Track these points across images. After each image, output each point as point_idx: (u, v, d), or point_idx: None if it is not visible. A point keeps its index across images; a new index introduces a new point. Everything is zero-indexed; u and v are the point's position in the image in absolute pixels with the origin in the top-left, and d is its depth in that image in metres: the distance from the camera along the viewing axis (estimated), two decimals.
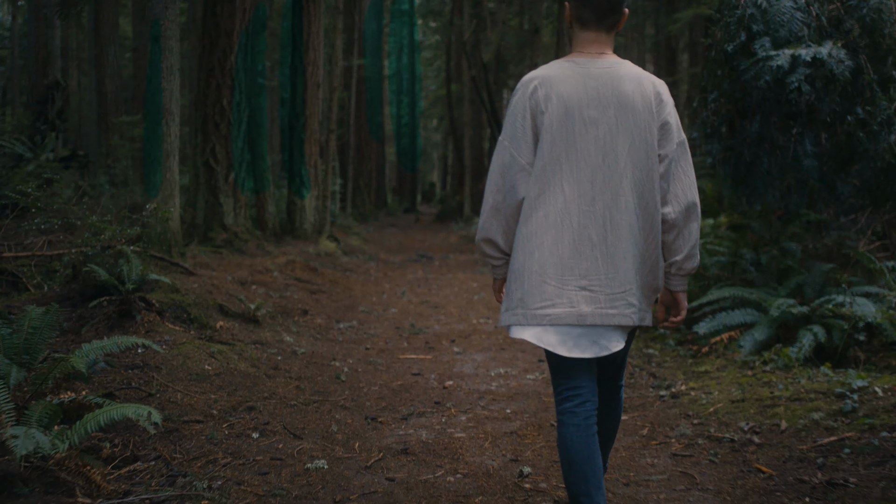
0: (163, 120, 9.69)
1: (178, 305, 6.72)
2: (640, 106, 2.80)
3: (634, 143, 2.80)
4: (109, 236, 7.11)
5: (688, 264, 2.93)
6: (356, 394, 5.58)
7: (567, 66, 2.86)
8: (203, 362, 5.58)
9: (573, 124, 2.78)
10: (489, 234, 2.93)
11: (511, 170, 2.84)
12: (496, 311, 9.52)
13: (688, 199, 2.87)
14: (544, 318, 2.76)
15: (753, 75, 6.94)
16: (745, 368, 5.92)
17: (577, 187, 2.78)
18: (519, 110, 2.84)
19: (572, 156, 2.78)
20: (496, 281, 3.14)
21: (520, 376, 6.19)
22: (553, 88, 2.80)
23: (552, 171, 2.79)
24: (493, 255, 2.99)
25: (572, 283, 2.76)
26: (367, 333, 7.91)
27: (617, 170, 2.78)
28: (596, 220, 2.78)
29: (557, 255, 2.77)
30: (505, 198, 2.85)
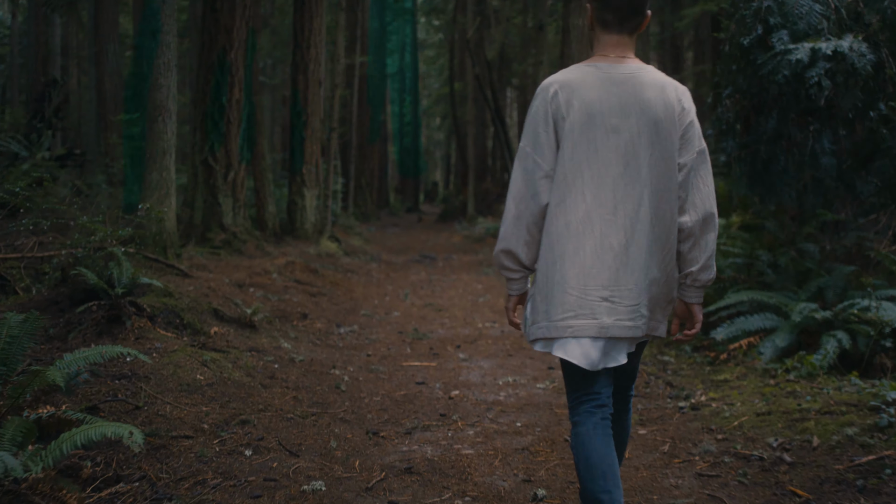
0: (159, 117, 9.38)
1: (170, 310, 6.41)
2: (662, 114, 2.74)
3: (655, 152, 2.74)
4: (100, 237, 6.80)
5: (703, 275, 2.85)
6: (357, 405, 5.27)
7: (589, 70, 2.78)
8: (195, 371, 5.27)
9: (595, 131, 2.72)
10: (510, 244, 2.82)
11: (534, 176, 2.76)
12: (502, 314, 9.20)
13: (705, 209, 2.80)
14: (566, 329, 2.69)
15: (771, 69, 6.61)
16: (767, 377, 5.61)
17: (599, 196, 2.71)
18: (540, 115, 2.76)
19: (594, 163, 2.72)
20: (511, 298, 2.98)
21: (529, 385, 5.88)
22: (574, 93, 2.73)
23: (573, 179, 2.72)
24: (511, 267, 2.87)
25: (594, 293, 2.69)
26: (368, 339, 7.59)
27: (639, 179, 2.72)
28: (617, 230, 2.71)
29: (580, 265, 2.70)
30: (528, 206, 2.77)
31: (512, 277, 2.90)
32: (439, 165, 52.76)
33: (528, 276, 2.91)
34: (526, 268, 2.86)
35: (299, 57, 15.43)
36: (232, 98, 12.52)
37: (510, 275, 2.89)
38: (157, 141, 9.37)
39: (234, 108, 12.55)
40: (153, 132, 9.39)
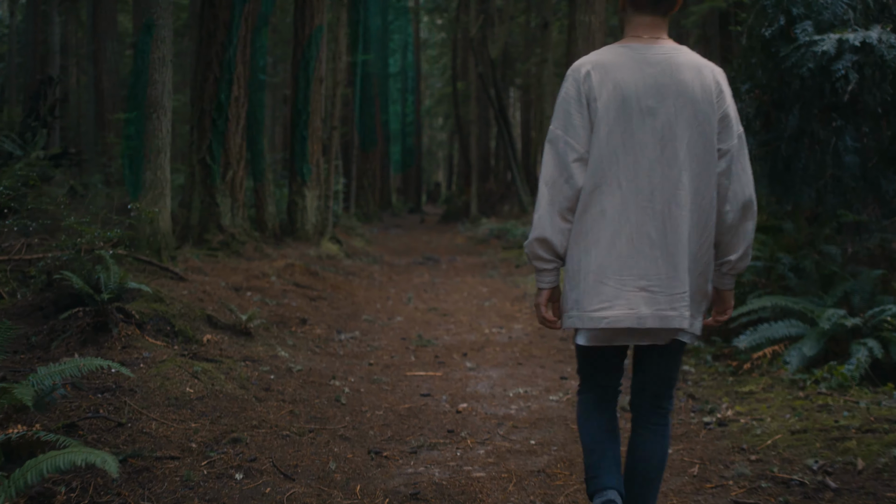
0: (153, 114, 9.02)
1: (161, 317, 6.04)
2: (700, 96, 2.65)
3: (694, 135, 2.65)
4: (88, 240, 6.44)
5: (741, 264, 2.80)
6: (358, 420, 4.89)
7: (622, 51, 2.70)
8: (184, 384, 4.89)
9: (630, 114, 2.63)
10: (544, 232, 2.70)
11: (566, 159, 2.67)
12: (509, 319, 8.83)
13: (745, 197, 2.71)
14: (601, 320, 2.62)
15: (795, 62, 6.25)
16: (795, 388, 5.24)
17: (635, 181, 2.63)
18: (572, 96, 2.68)
19: (629, 147, 2.63)
20: (542, 291, 2.82)
21: (542, 397, 5.50)
22: (608, 74, 2.65)
23: (608, 164, 2.64)
24: (545, 257, 2.75)
25: (631, 283, 2.62)
26: (370, 346, 7.22)
27: (676, 163, 2.63)
28: (655, 217, 2.63)
29: (615, 253, 2.63)
30: (561, 190, 2.68)
31: (545, 268, 2.77)
32: (442, 165, 52.36)
33: (560, 267, 2.79)
34: (560, 257, 2.74)
35: (300, 54, 15.06)
36: (231, 95, 12.16)
37: (543, 265, 2.76)
38: (151, 139, 9.01)
39: (232, 106, 12.18)
40: (147, 130, 9.02)
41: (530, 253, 2.77)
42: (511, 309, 9.55)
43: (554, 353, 6.98)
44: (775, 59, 6.43)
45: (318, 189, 15.39)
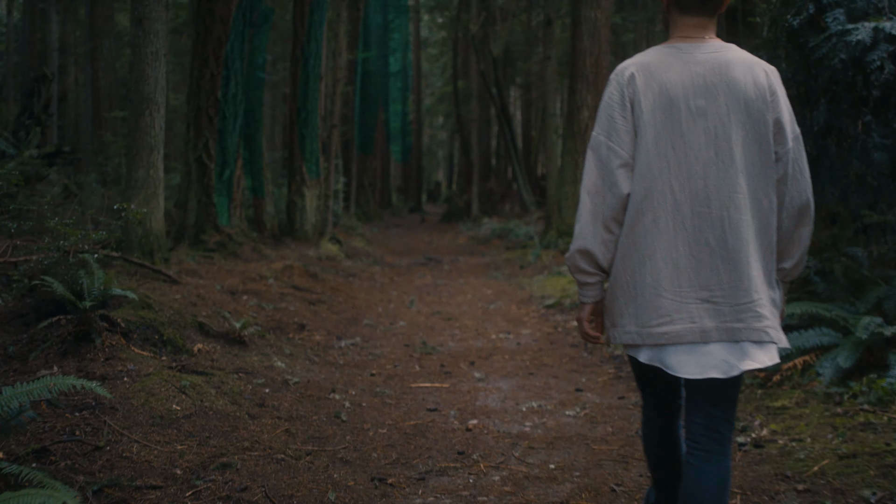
0: (145, 110, 8.58)
1: (148, 325, 5.60)
2: (752, 94, 2.49)
3: (748, 135, 2.49)
4: (73, 242, 6.00)
5: (796, 271, 2.65)
6: (360, 440, 4.45)
7: (667, 51, 2.57)
8: (171, 400, 4.46)
9: (679, 116, 2.49)
10: (587, 244, 2.55)
11: (610, 165, 2.52)
12: (517, 324, 8.39)
13: (803, 201, 2.56)
14: (661, 336, 2.44)
15: (826, 53, 5.81)
16: (831, 403, 4.80)
17: (689, 186, 2.46)
18: (615, 101, 2.55)
19: (680, 151, 2.48)
20: (584, 306, 2.65)
21: (557, 412, 5.06)
22: (653, 76, 2.52)
23: (658, 170, 2.48)
24: (588, 270, 2.59)
25: (692, 295, 2.45)
26: (372, 353, 6.78)
27: (732, 165, 2.47)
28: (713, 223, 2.46)
29: (672, 264, 2.46)
30: (605, 198, 2.53)
31: (587, 282, 2.61)
32: (442, 165, 51.89)
33: (604, 280, 2.63)
34: (603, 270, 2.59)
35: (299, 51, 14.62)
36: (227, 92, 11.72)
37: (586, 279, 2.60)
38: (143, 136, 8.56)
39: (230, 103, 11.74)
40: (139, 127, 8.58)
41: (571, 266, 2.61)
42: (518, 313, 9.11)
43: (566, 362, 6.54)
44: (803, 50, 5.99)
45: (318, 188, 14.95)
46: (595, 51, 13.60)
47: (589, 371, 6.20)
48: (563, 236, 13.72)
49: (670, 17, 2.64)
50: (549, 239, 13.89)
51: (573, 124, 13.83)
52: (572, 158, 13.85)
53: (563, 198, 13.97)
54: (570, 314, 8.75)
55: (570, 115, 14.04)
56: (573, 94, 13.89)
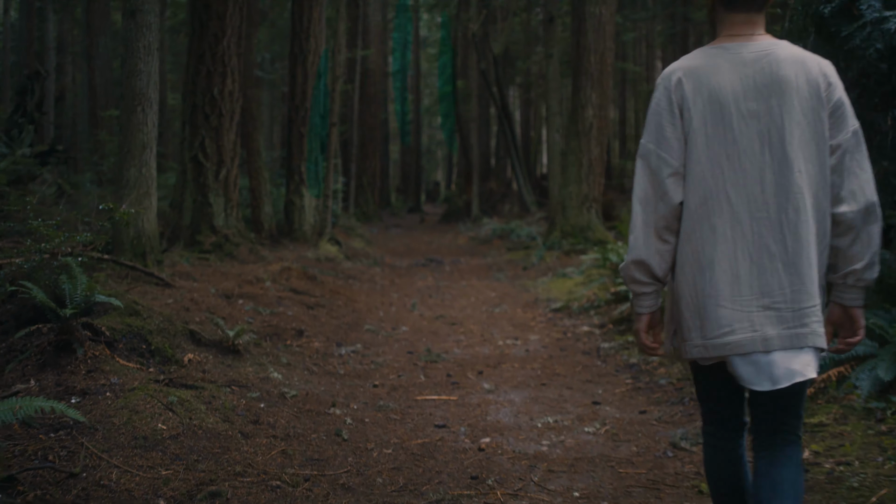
0: (137, 107, 8.15)
1: (136, 333, 5.17)
2: (805, 91, 2.40)
3: (804, 134, 2.40)
4: (57, 244, 5.57)
5: (868, 274, 2.42)
6: (363, 462, 4.02)
7: (714, 52, 2.48)
8: (156, 418, 4.03)
9: (731, 119, 2.41)
10: (642, 255, 2.47)
11: (661, 174, 2.45)
12: (524, 329, 7.97)
13: (866, 198, 2.40)
14: (724, 347, 2.36)
15: (860, 43, 5.39)
16: (872, 420, 4.38)
17: (745, 191, 2.39)
18: (663, 107, 2.47)
19: (734, 156, 2.40)
20: (641, 317, 2.55)
21: (575, 429, 4.64)
22: (702, 80, 2.44)
23: (713, 177, 2.41)
24: (644, 281, 2.49)
25: (753, 302, 2.37)
26: (374, 362, 6.35)
27: (788, 167, 2.38)
28: (772, 227, 2.38)
29: (731, 272, 2.38)
30: (657, 208, 2.45)
31: (643, 292, 2.51)
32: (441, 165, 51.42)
33: (661, 290, 2.52)
34: (659, 280, 2.49)
35: (298, 48, 14.20)
36: (224, 89, 11.28)
37: (642, 289, 2.50)
38: (135, 133, 8.14)
39: (226, 101, 11.30)
40: (131, 124, 8.15)
41: (626, 276, 2.51)
42: (524, 317, 8.69)
43: (580, 371, 6.12)
44: (834, 40, 5.58)
45: (318, 191, 14.52)
46: (600, 47, 13.18)
47: (605, 381, 5.79)
48: (567, 237, 13.30)
49: (716, 15, 2.53)
50: (552, 240, 13.46)
51: (577, 123, 13.42)
52: (576, 158, 13.43)
53: (566, 198, 13.55)
54: (578, 318, 8.34)
55: (573, 113, 13.62)
56: (577, 91, 13.47)
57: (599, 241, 12.81)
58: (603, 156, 13.62)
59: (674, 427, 4.60)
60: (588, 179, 13.38)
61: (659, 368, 5.99)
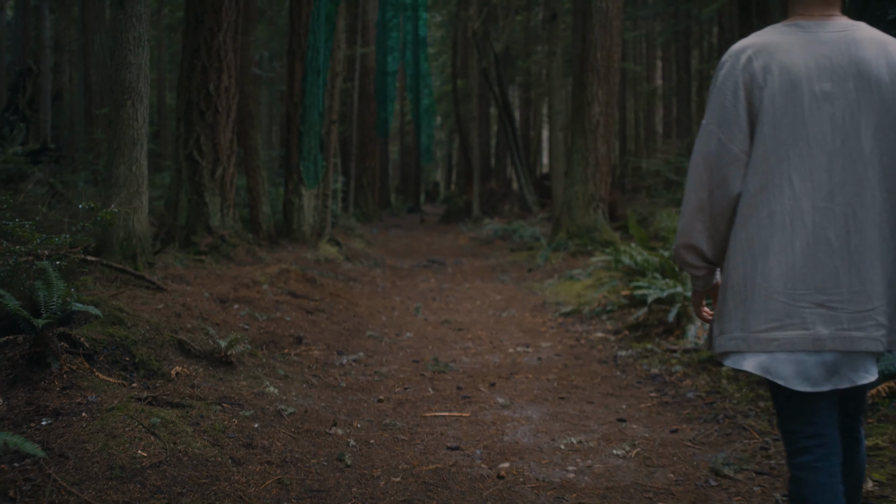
0: (127, 101, 7.66)
1: (119, 344, 4.67)
2: (886, 76, 2.20)
3: (882, 122, 2.20)
4: (34, 246, 5.09)
5: None
6: (368, 493, 3.53)
7: (788, 30, 2.27)
8: (136, 443, 3.54)
9: (802, 101, 2.20)
10: (691, 238, 2.35)
11: (721, 160, 2.26)
12: (534, 335, 7.49)
13: None
14: (771, 342, 2.19)
15: None
16: None
17: (810, 179, 2.19)
18: (729, 86, 2.26)
19: (802, 140, 2.19)
20: (697, 293, 2.55)
21: (602, 451, 4.15)
22: (773, 58, 2.22)
23: (776, 160, 2.20)
24: (695, 263, 2.41)
25: (806, 298, 2.18)
26: (378, 372, 5.86)
27: (861, 156, 2.19)
28: (835, 220, 2.18)
29: (787, 264, 2.19)
30: (712, 194, 2.27)
31: (696, 274, 2.45)
32: (440, 165, 50.93)
33: (716, 269, 2.44)
34: (711, 262, 2.41)
35: (296, 43, 13.71)
36: (220, 85, 10.78)
37: (694, 271, 2.44)
38: (125, 129, 7.65)
39: (222, 97, 10.81)
40: (121, 119, 7.66)
41: (679, 259, 2.43)
42: (533, 321, 8.21)
43: (598, 382, 5.63)
44: (882, 22, 5.10)
45: (316, 188, 14.03)
46: (607, 43, 12.69)
47: (627, 395, 5.30)
48: (573, 238, 12.81)
49: None
50: (558, 241, 12.96)
51: (583, 120, 12.93)
52: (582, 156, 12.94)
53: (572, 197, 13.05)
54: (590, 324, 7.85)
55: (579, 111, 13.13)
56: (583, 88, 12.98)
57: (606, 242, 12.34)
58: (609, 154, 13.14)
59: (712, 449, 4.11)
60: (594, 178, 12.90)
61: (685, 380, 5.51)
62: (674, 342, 6.67)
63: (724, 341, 2.30)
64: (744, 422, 4.49)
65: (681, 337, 6.79)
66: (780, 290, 2.21)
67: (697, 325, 6.75)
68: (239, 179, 14.52)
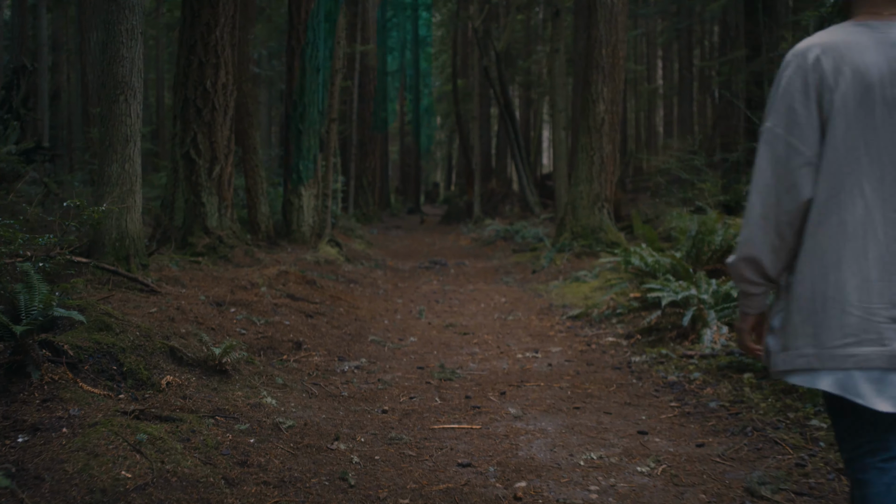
0: (120, 96, 7.34)
1: (105, 352, 4.35)
2: None
3: None
4: (16, 247, 4.77)
5: None
6: None
7: (856, 30, 2.11)
8: (120, 463, 3.21)
9: (874, 106, 2.04)
10: (754, 250, 2.15)
11: (789, 165, 2.10)
12: (543, 339, 7.17)
13: None
14: (847, 359, 2.02)
15: None
16: None
17: (882, 187, 2.04)
18: (797, 86, 2.09)
19: (873, 147, 2.04)
20: (746, 317, 2.27)
21: (625, 468, 3.83)
22: (844, 58, 2.06)
23: (848, 167, 2.06)
24: (752, 279, 2.18)
25: (882, 312, 2.01)
26: (381, 380, 5.54)
27: None
28: None
29: (860, 275, 2.03)
30: (779, 201, 2.10)
31: (752, 292, 2.22)
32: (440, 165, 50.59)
33: (771, 290, 2.23)
34: (770, 280, 2.19)
35: (295, 40, 13.39)
36: (218, 82, 10.46)
37: (751, 289, 2.22)
38: (118, 125, 7.34)
39: (219, 94, 10.49)
40: (113, 115, 7.35)
41: (735, 274, 2.24)
42: (540, 325, 7.89)
43: (615, 391, 5.31)
44: None
45: (316, 187, 13.71)
46: (612, 39, 12.37)
47: (646, 404, 4.98)
48: (578, 239, 12.49)
49: None
50: (562, 241, 12.64)
51: (588, 119, 12.61)
52: (587, 155, 12.62)
53: (577, 197, 12.73)
54: (600, 328, 7.54)
55: (584, 108, 12.81)
56: (588, 86, 12.66)
57: (612, 243, 12.03)
58: (615, 153, 12.81)
59: (744, 466, 3.79)
60: (600, 178, 12.58)
61: (705, 388, 5.19)
62: (689, 347, 6.35)
63: (790, 358, 2.12)
64: (774, 435, 4.17)
65: (696, 342, 6.47)
66: (854, 304, 2.05)
67: (713, 330, 6.43)
68: (237, 179, 14.21)
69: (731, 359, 5.67)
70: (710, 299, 6.71)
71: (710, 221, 8.22)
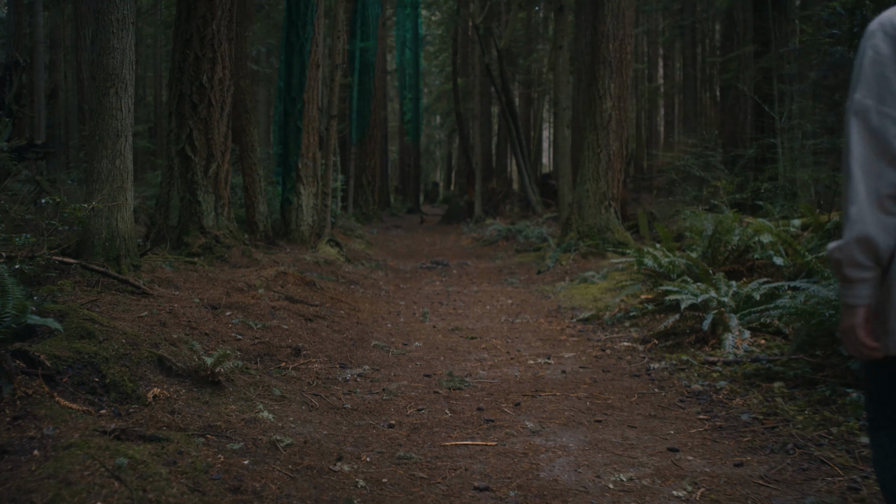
0: (110, 88, 6.95)
1: (87, 362, 3.96)
2: None
3: None
4: None
5: None
6: None
7: None
8: (95, 492, 2.82)
9: None
10: (866, 229, 1.97)
11: (886, 134, 1.97)
12: (554, 344, 6.78)
13: None
14: None
15: None
16: None
17: None
18: (885, 54, 2.02)
19: None
20: (855, 310, 2.04)
21: (659, 491, 3.43)
22: None
23: None
24: (864, 263, 1.99)
25: None
26: (386, 390, 5.15)
27: None
28: None
29: None
30: (882, 174, 1.98)
31: (862, 277, 2.01)
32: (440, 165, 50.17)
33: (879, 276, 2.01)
34: (881, 263, 2.00)
35: (294, 36, 12.99)
36: (214, 77, 10.06)
37: (860, 274, 2.00)
38: (108, 119, 6.97)
39: (216, 89, 10.08)
40: (103, 108, 6.97)
41: (845, 258, 1.99)
42: (550, 329, 7.50)
43: (636, 401, 4.92)
44: None
45: (315, 186, 13.32)
46: (619, 34, 11.98)
47: (672, 416, 4.59)
48: (584, 238, 12.10)
49: None
50: (568, 241, 12.25)
51: (594, 115, 12.22)
52: (594, 153, 12.23)
53: (583, 196, 12.34)
54: (613, 331, 7.15)
55: (590, 105, 12.42)
56: (594, 82, 12.27)
57: (619, 243, 11.64)
58: (622, 151, 12.42)
59: (791, 490, 3.40)
60: (606, 176, 12.19)
61: (734, 398, 4.80)
62: (710, 353, 5.96)
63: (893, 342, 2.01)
64: (819, 453, 3.78)
65: (717, 347, 6.08)
66: None
67: (735, 335, 6.04)
68: (234, 177, 13.82)
69: (758, 366, 5.29)
70: (730, 302, 6.33)
71: (726, 221, 7.83)
